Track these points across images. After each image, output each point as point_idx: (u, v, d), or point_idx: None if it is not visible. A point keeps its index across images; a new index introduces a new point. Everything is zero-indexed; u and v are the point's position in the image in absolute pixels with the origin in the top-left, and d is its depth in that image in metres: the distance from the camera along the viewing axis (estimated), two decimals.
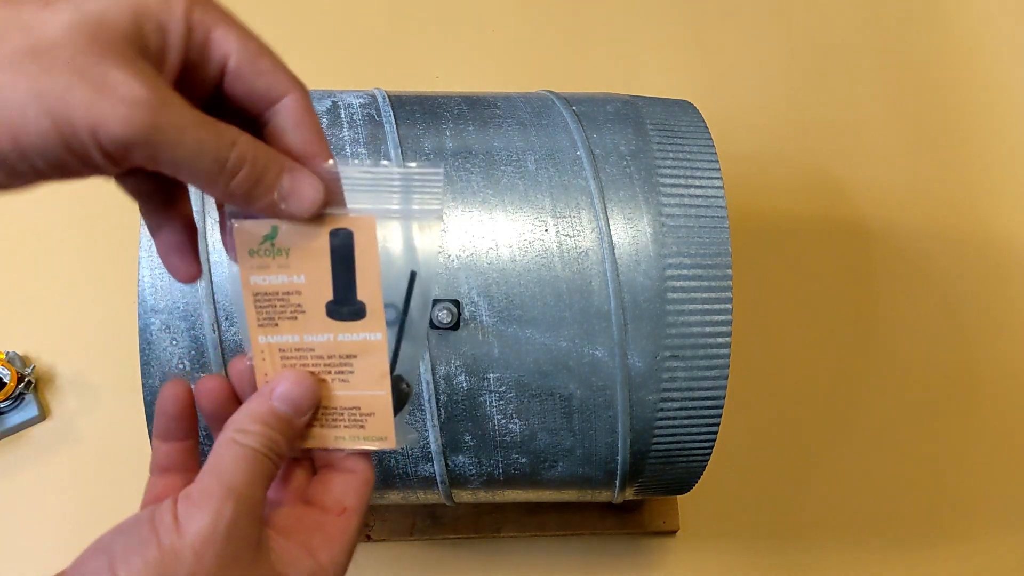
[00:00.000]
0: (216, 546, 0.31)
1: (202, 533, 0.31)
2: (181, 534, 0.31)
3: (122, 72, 0.28)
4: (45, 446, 0.87)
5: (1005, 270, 1.01)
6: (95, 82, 0.28)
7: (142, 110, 0.28)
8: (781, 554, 0.88)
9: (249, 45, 0.32)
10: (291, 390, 0.36)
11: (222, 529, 0.31)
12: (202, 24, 0.30)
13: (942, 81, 1.09)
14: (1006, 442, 0.94)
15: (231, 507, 0.32)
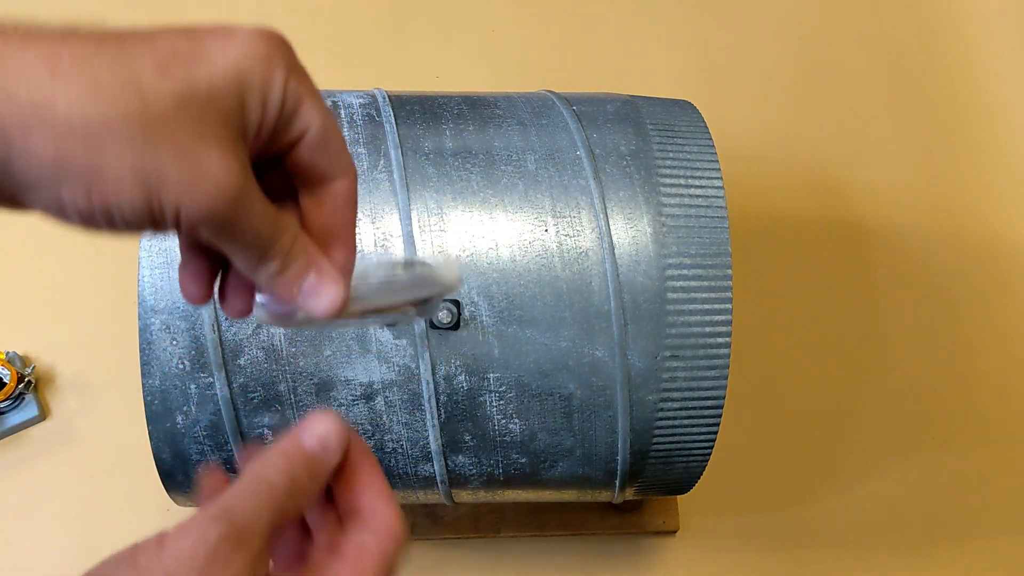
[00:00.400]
0: (192, 571, 0.29)
1: (179, 556, 0.29)
2: (160, 554, 0.29)
3: (219, 156, 0.29)
4: (45, 446, 0.87)
5: (1005, 270, 1.01)
6: (193, 164, 0.29)
7: (225, 201, 0.30)
8: (781, 554, 0.88)
9: (328, 123, 0.33)
10: (319, 427, 0.34)
11: (201, 554, 0.29)
12: (295, 95, 0.32)
13: (942, 81, 1.09)
14: (1006, 442, 0.94)
15: (217, 532, 0.29)
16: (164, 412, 0.58)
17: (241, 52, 0.30)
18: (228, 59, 0.30)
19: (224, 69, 0.30)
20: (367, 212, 0.59)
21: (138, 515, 0.83)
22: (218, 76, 0.30)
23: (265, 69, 0.31)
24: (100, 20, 0.31)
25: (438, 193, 0.60)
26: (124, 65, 0.29)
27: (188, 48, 0.30)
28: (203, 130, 0.29)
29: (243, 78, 0.30)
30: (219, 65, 0.30)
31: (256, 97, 0.31)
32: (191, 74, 0.29)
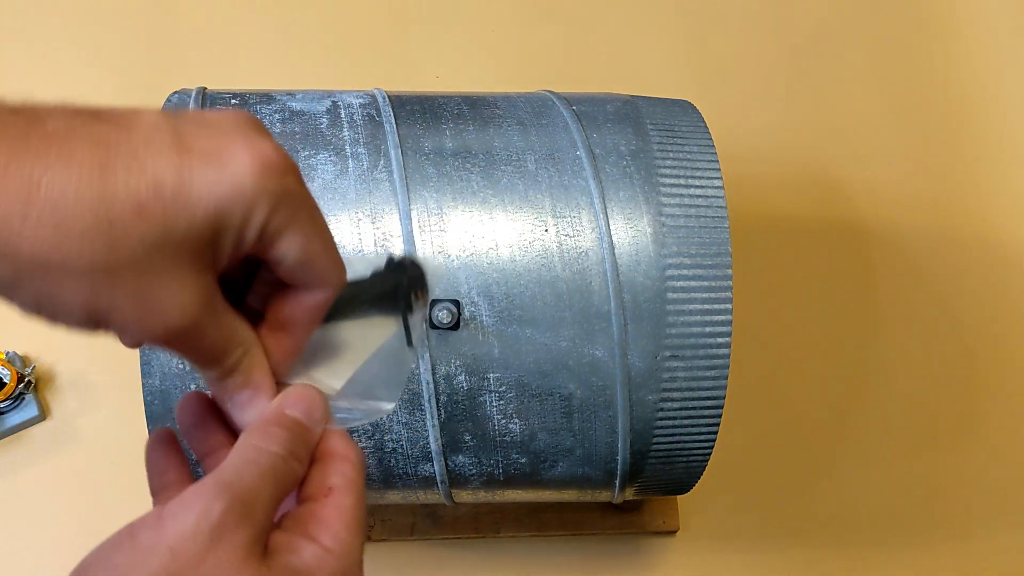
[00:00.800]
0: (197, 547, 0.28)
1: (183, 532, 0.28)
2: (160, 530, 0.29)
3: (179, 290, 0.30)
4: (45, 446, 0.87)
5: (1005, 270, 1.01)
6: (149, 301, 0.29)
7: (173, 331, 0.30)
8: (781, 554, 0.88)
9: (309, 248, 0.32)
10: (300, 397, 0.35)
11: (206, 529, 0.29)
12: (275, 229, 0.31)
13: (942, 81, 1.09)
14: (1006, 442, 0.94)
15: (220, 506, 0.29)
16: (164, 412, 0.58)
17: (227, 189, 0.29)
18: (212, 198, 0.29)
19: (205, 211, 0.29)
20: (367, 212, 0.59)
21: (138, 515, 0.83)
22: (198, 219, 0.29)
23: (248, 208, 0.30)
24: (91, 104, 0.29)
25: (438, 193, 0.60)
26: (101, 206, 0.27)
27: (173, 182, 0.28)
28: (168, 267, 0.29)
29: (223, 219, 0.29)
30: (201, 207, 0.29)
31: (232, 235, 0.30)
32: (170, 218, 0.28)
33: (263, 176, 0.29)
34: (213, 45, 1.06)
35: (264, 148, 0.30)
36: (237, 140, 0.30)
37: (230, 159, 0.29)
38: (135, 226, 0.28)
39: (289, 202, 0.30)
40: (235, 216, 0.29)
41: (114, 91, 1.02)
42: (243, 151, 0.29)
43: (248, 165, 0.29)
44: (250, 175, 0.29)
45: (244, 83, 0.78)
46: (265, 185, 0.29)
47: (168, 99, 0.64)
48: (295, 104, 0.64)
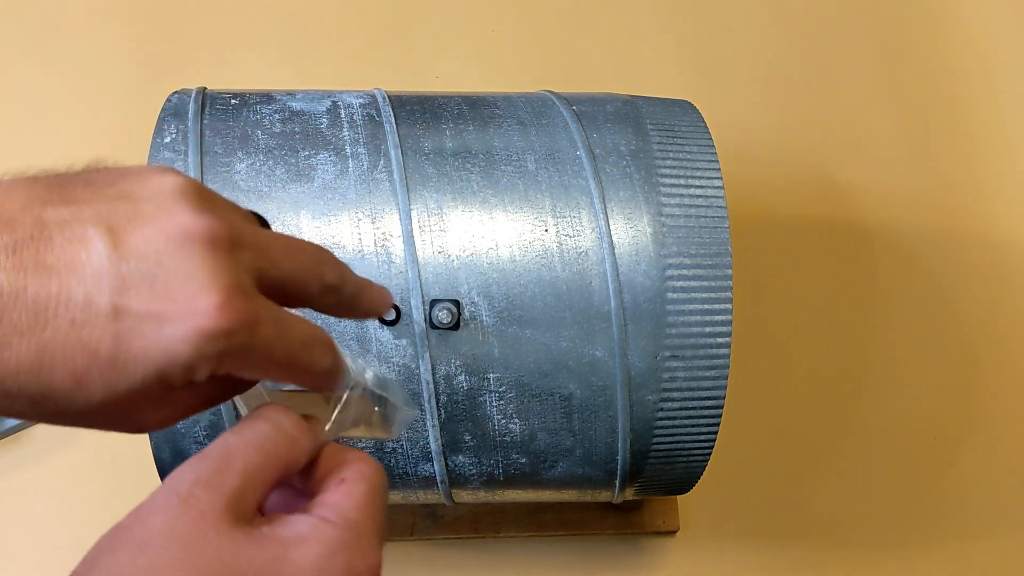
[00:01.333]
0: (166, 515, 0.30)
1: (153, 502, 0.30)
2: (138, 508, 0.31)
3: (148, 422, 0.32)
4: (45, 446, 0.87)
5: (1005, 270, 1.01)
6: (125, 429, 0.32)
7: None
8: (781, 554, 0.88)
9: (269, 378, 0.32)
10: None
11: (173, 500, 0.30)
12: (227, 374, 0.31)
13: (942, 81, 1.09)
14: (1007, 442, 0.94)
15: (191, 477, 0.30)
16: None
17: (162, 356, 0.29)
18: (149, 362, 0.29)
19: (145, 372, 0.29)
20: (367, 212, 0.59)
21: None
22: (137, 379, 0.29)
23: (186, 370, 0.29)
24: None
25: (438, 193, 0.60)
26: (41, 377, 0.28)
27: (109, 351, 0.28)
28: (125, 411, 0.30)
29: (165, 377, 0.29)
30: (140, 370, 0.29)
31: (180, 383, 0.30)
32: (110, 382, 0.29)
33: (201, 344, 0.29)
34: (213, 45, 1.06)
35: (206, 313, 0.29)
36: (180, 299, 0.29)
37: (166, 327, 0.29)
38: (78, 394, 0.29)
39: (232, 358, 0.30)
40: (173, 376, 0.29)
41: (114, 91, 1.02)
42: (181, 318, 0.29)
43: (184, 334, 0.29)
44: (185, 344, 0.29)
45: (244, 83, 0.78)
46: (203, 351, 0.29)
47: (168, 99, 0.64)
48: (295, 104, 0.64)
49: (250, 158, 0.60)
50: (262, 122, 0.62)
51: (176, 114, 0.62)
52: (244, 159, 0.60)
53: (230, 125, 0.62)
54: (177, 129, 0.61)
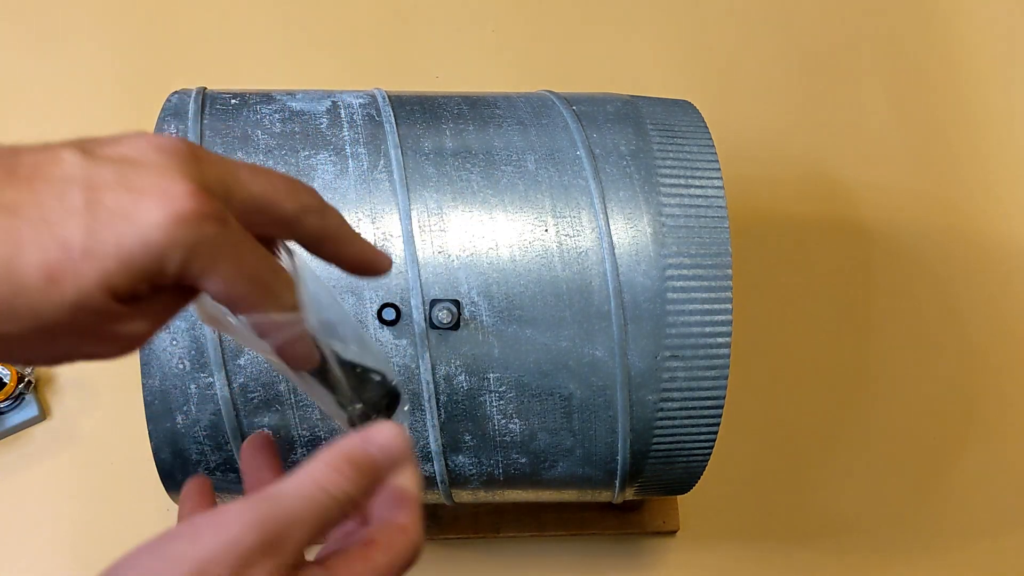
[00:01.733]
0: (221, 571, 0.29)
1: (211, 554, 0.29)
2: (193, 546, 0.30)
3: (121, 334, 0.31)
4: (45, 446, 0.87)
5: (1005, 270, 1.01)
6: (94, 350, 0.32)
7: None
8: (781, 554, 0.88)
9: (232, 290, 0.32)
10: (388, 439, 0.34)
11: (233, 557, 0.29)
12: (195, 275, 0.31)
13: (942, 81, 1.09)
14: (1005, 443, 0.94)
15: (252, 538, 0.30)
16: (164, 412, 0.58)
17: (136, 243, 0.29)
18: (122, 251, 0.29)
19: (117, 264, 0.29)
20: (367, 212, 0.59)
21: (138, 515, 0.83)
22: (110, 271, 0.29)
23: (158, 260, 0.29)
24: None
25: (438, 193, 0.60)
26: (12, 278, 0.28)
27: (81, 242, 0.28)
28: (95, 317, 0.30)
29: (135, 270, 0.29)
30: (111, 261, 0.29)
31: (149, 280, 0.30)
32: (81, 276, 0.28)
33: (173, 229, 0.29)
34: (213, 45, 1.06)
35: (178, 197, 0.29)
36: (151, 190, 0.29)
37: (140, 212, 0.29)
38: (51, 292, 0.28)
39: (204, 250, 0.30)
40: (146, 267, 0.29)
41: (114, 91, 1.02)
42: (154, 202, 0.29)
43: (158, 218, 0.29)
44: (159, 229, 0.29)
45: (244, 83, 0.78)
46: (175, 238, 0.29)
47: (168, 99, 0.64)
48: (295, 104, 0.64)
49: (250, 158, 0.60)
50: (262, 122, 0.62)
51: (176, 114, 0.62)
52: (244, 159, 0.60)
53: (230, 125, 0.62)
54: (177, 129, 0.61)
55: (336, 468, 0.32)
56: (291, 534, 0.31)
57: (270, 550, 0.30)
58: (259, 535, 0.30)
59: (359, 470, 0.33)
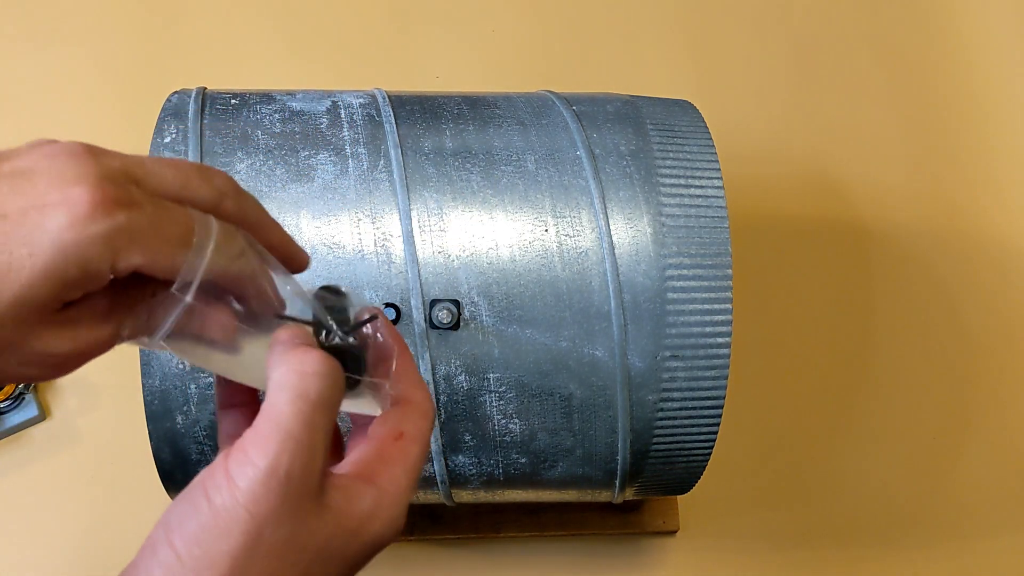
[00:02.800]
0: (271, 501, 0.29)
1: (254, 488, 0.29)
2: (233, 491, 0.29)
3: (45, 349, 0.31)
4: (45, 446, 0.87)
5: (1005, 270, 1.01)
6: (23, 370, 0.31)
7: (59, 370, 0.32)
8: (781, 554, 0.88)
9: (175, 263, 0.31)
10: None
11: (276, 484, 0.29)
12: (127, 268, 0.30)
13: (942, 81, 1.09)
14: (1005, 442, 0.94)
15: (287, 457, 0.30)
16: (164, 412, 0.58)
17: (49, 249, 0.28)
18: (36, 261, 0.28)
19: (31, 276, 0.28)
20: (367, 212, 0.59)
21: (138, 515, 0.83)
22: (24, 285, 0.29)
23: (81, 259, 0.29)
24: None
25: (438, 193, 0.60)
26: None
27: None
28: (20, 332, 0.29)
29: (57, 276, 0.29)
30: (25, 274, 0.28)
31: (78, 283, 0.30)
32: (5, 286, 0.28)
33: (83, 227, 0.29)
34: (213, 45, 1.06)
35: (79, 194, 0.29)
36: (51, 195, 0.29)
37: (46, 220, 0.29)
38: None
39: (127, 235, 0.30)
40: (71, 270, 0.29)
41: (114, 91, 1.02)
42: (57, 206, 0.29)
43: (64, 221, 0.29)
44: (68, 230, 0.29)
45: (244, 83, 0.78)
46: (89, 234, 0.29)
47: (168, 99, 0.64)
48: (295, 104, 0.64)
49: (250, 158, 0.60)
50: (262, 122, 0.62)
51: (176, 114, 0.62)
52: (244, 159, 0.60)
53: (230, 125, 0.62)
54: (177, 129, 0.61)
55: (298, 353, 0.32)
56: (315, 436, 0.31)
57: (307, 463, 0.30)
58: (291, 453, 0.30)
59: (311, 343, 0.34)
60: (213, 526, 0.29)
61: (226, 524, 0.29)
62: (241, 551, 0.29)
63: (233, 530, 0.29)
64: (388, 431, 0.35)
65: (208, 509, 0.29)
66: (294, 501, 0.30)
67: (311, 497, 0.30)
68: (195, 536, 0.29)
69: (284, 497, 0.29)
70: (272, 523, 0.29)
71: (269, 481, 0.29)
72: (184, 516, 0.30)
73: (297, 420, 0.30)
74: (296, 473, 0.30)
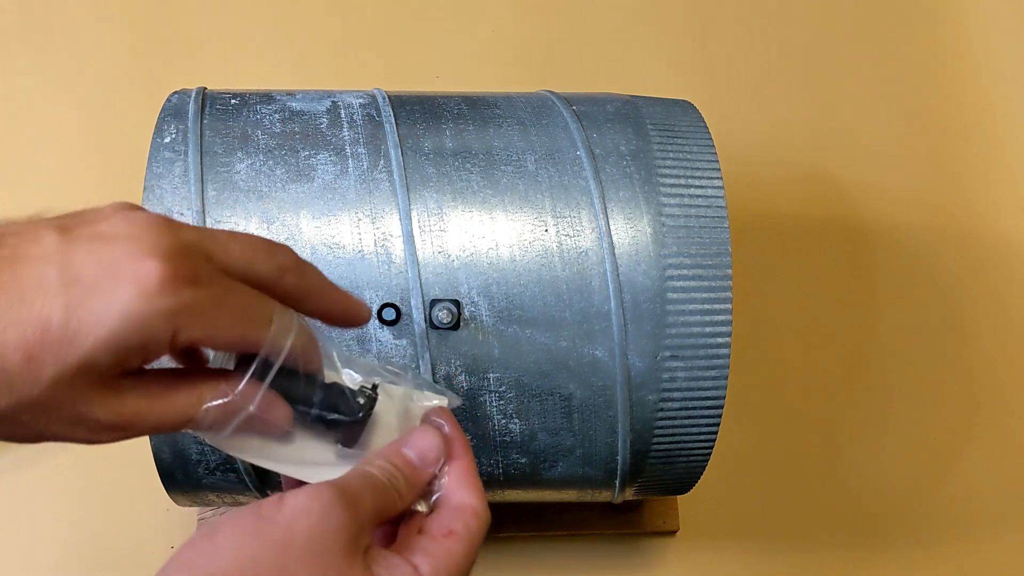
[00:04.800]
0: (308, 523, 0.32)
1: (297, 509, 0.32)
2: (280, 508, 0.32)
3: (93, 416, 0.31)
4: (45, 446, 0.86)
5: (1005, 270, 1.01)
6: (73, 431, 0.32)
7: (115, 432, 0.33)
8: (781, 554, 0.88)
9: (232, 336, 0.33)
10: (422, 442, 0.38)
11: (317, 509, 0.32)
12: (186, 342, 0.32)
13: (942, 81, 1.09)
14: (1006, 442, 0.94)
15: (330, 493, 0.33)
16: None
17: (116, 319, 0.29)
18: (101, 330, 0.29)
19: (95, 343, 0.29)
20: (367, 212, 0.59)
21: (138, 515, 0.83)
22: (87, 351, 0.29)
23: (144, 332, 0.30)
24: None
25: (438, 193, 0.60)
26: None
27: (59, 321, 0.29)
28: (75, 396, 0.30)
29: (120, 345, 0.30)
30: (90, 340, 0.29)
31: (138, 354, 0.31)
32: (60, 357, 0.29)
33: (152, 299, 0.30)
34: (213, 45, 1.06)
35: (152, 266, 0.30)
36: (125, 263, 0.30)
37: (117, 287, 0.29)
38: (28, 371, 0.29)
39: (190, 312, 0.31)
40: (133, 340, 0.30)
41: (114, 91, 1.02)
42: (129, 274, 0.30)
43: (133, 290, 0.29)
44: (137, 300, 0.29)
45: (244, 83, 0.78)
46: (156, 307, 0.30)
47: (168, 99, 0.64)
48: (295, 104, 0.64)
49: (250, 158, 0.60)
50: (262, 122, 0.62)
51: (176, 114, 0.62)
52: (244, 159, 0.60)
53: (230, 125, 0.62)
54: (177, 129, 0.61)
55: (373, 464, 0.36)
56: (359, 497, 0.34)
57: (347, 504, 0.33)
58: (335, 492, 0.33)
59: (393, 464, 0.37)
60: (253, 530, 0.32)
61: (266, 528, 0.32)
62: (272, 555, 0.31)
63: (269, 535, 0.32)
64: (437, 528, 0.37)
65: (254, 515, 0.32)
66: (329, 536, 0.32)
67: (348, 535, 0.33)
68: (234, 535, 0.32)
69: (321, 522, 0.32)
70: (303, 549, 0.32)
71: (310, 507, 0.32)
72: (229, 520, 0.32)
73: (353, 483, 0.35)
74: (336, 507, 0.33)
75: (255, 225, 0.58)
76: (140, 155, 0.61)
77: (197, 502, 0.66)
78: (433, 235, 0.59)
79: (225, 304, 0.32)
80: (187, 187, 0.58)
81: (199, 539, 0.32)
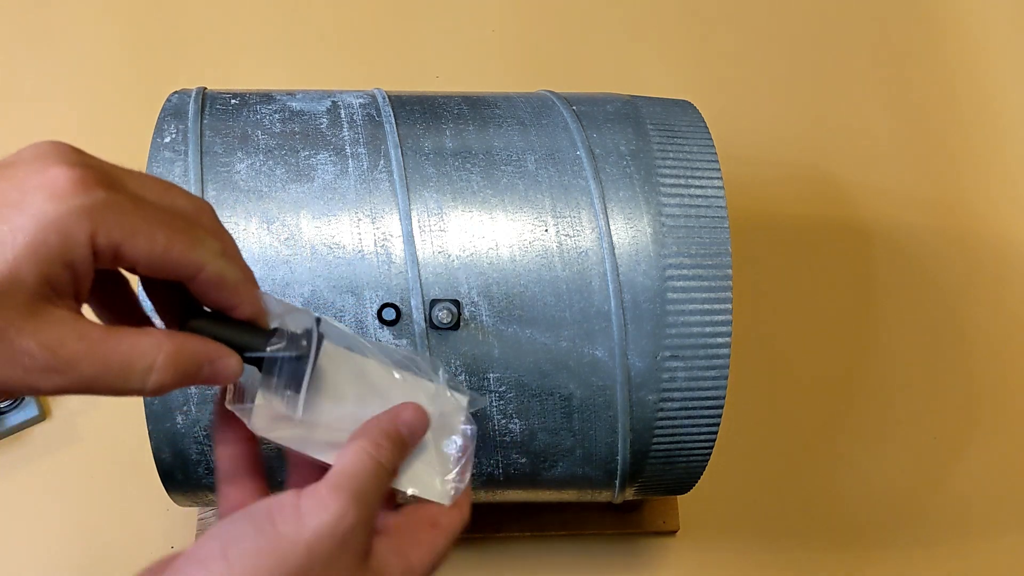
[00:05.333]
0: (331, 546, 0.32)
1: (321, 530, 0.32)
2: (300, 526, 0.32)
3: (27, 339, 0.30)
4: (45, 446, 0.87)
5: (1005, 270, 1.01)
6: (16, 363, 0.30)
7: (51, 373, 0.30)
8: (781, 554, 0.88)
9: (155, 245, 0.32)
10: (413, 418, 0.39)
11: (341, 532, 0.32)
12: (109, 246, 0.31)
13: (942, 81, 1.09)
14: (1006, 442, 0.94)
15: (355, 513, 0.33)
16: (164, 412, 0.58)
17: (33, 227, 0.29)
18: (20, 241, 0.29)
19: (16, 257, 0.29)
20: (367, 212, 0.59)
21: (138, 515, 0.83)
22: (11, 266, 0.29)
23: (62, 234, 0.29)
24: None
25: (438, 193, 0.60)
26: None
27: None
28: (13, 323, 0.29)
29: (40, 255, 0.29)
30: (11, 255, 0.29)
31: (57, 266, 0.30)
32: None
33: (64, 199, 0.29)
34: (213, 45, 1.06)
35: (58, 173, 0.30)
36: (34, 176, 0.30)
37: (28, 196, 0.29)
38: None
39: (106, 208, 0.30)
40: (52, 243, 0.29)
41: (114, 91, 1.02)
42: (38, 185, 0.30)
43: (45, 194, 0.29)
44: (50, 203, 0.29)
45: (244, 83, 0.78)
46: (69, 205, 0.29)
47: (168, 99, 0.64)
48: (295, 104, 0.64)
49: (250, 158, 0.60)
50: (262, 122, 0.62)
51: (176, 114, 0.62)
52: (244, 159, 0.60)
53: (230, 125, 0.62)
54: (177, 129, 0.61)
55: (377, 443, 0.37)
56: (375, 505, 0.35)
57: (366, 523, 0.34)
58: (358, 511, 0.33)
59: (393, 442, 0.37)
60: (272, 550, 0.32)
61: (284, 552, 0.32)
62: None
63: (289, 559, 0.31)
64: (426, 518, 0.38)
65: (272, 533, 0.32)
66: (347, 555, 0.33)
67: (360, 555, 0.34)
68: (251, 553, 0.31)
69: (342, 548, 0.33)
70: (323, 565, 0.32)
71: (335, 528, 0.32)
72: (243, 535, 0.32)
73: (370, 487, 0.35)
74: (358, 531, 0.33)
75: (255, 225, 0.58)
76: (140, 155, 0.61)
77: (197, 502, 0.66)
78: (433, 235, 0.59)
79: (144, 209, 0.31)
80: (187, 187, 0.58)
81: (209, 556, 0.32)
